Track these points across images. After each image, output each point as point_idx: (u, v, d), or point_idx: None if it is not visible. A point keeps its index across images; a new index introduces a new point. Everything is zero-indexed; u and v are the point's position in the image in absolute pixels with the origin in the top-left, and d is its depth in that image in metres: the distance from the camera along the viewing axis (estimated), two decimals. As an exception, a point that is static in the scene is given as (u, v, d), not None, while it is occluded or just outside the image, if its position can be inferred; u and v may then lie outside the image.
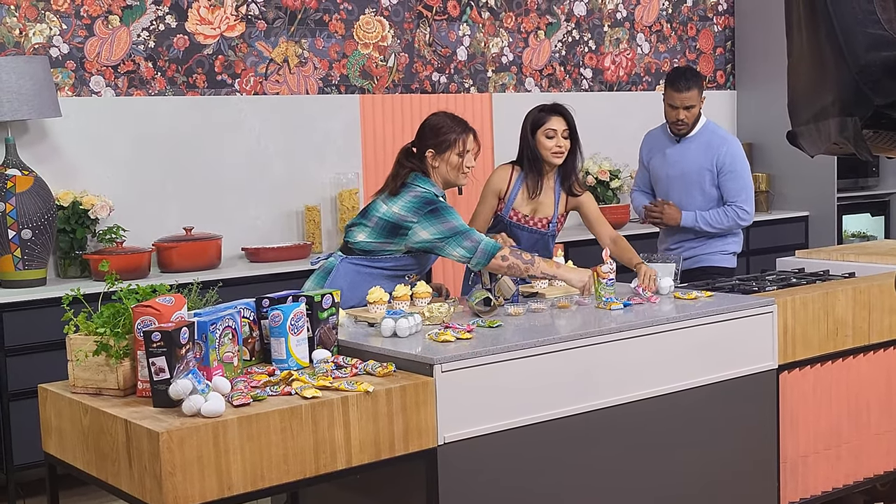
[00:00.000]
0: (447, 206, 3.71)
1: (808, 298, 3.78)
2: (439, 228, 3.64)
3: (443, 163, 3.77)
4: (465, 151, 3.77)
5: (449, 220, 3.66)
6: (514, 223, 4.17)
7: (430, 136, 3.78)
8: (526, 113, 4.23)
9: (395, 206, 3.70)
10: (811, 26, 1.82)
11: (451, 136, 3.75)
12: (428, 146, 3.77)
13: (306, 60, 5.65)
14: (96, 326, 2.77)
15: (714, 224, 4.64)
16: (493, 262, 3.60)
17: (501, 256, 3.60)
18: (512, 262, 3.61)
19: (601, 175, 6.52)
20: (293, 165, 5.62)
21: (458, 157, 3.76)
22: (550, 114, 4.13)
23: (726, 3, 7.42)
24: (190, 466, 2.45)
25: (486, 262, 3.61)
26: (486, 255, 3.61)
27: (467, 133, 3.78)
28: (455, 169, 3.78)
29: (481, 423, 2.96)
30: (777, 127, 6.80)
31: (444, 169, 3.77)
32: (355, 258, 3.75)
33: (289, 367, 2.91)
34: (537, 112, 4.16)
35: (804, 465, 3.83)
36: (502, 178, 4.20)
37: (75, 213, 4.85)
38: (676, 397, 3.40)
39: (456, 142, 3.75)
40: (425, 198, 3.70)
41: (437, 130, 3.77)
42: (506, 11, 6.38)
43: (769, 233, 6.77)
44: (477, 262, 3.62)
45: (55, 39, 4.95)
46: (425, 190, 3.73)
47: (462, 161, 3.77)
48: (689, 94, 4.61)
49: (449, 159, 3.76)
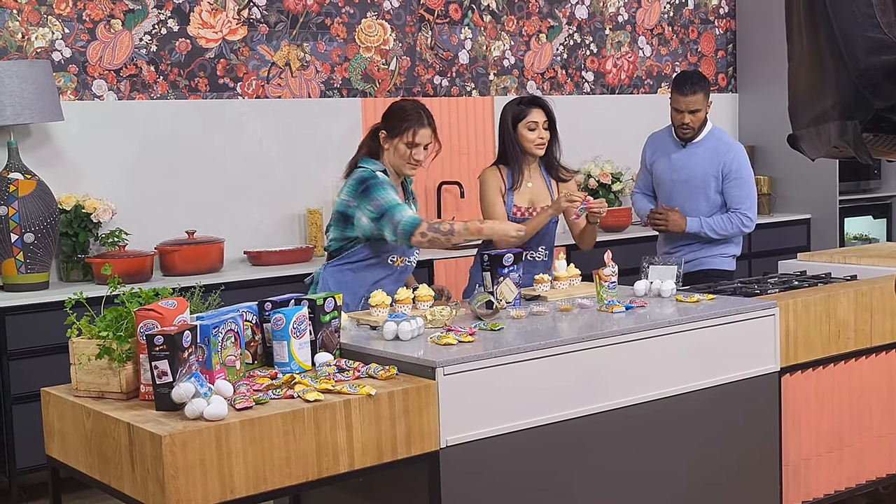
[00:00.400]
0: (378, 183, 3.70)
1: (810, 301, 3.78)
2: (371, 209, 3.67)
3: (392, 147, 3.80)
4: (415, 143, 3.78)
5: (376, 198, 3.67)
6: (519, 218, 4.19)
7: (388, 117, 3.83)
8: (504, 107, 4.27)
9: (343, 193, 3.76)
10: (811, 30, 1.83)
11: (405, 124, 3.77)
12: (384, 126, 3.82)
13: (308, 64, 5.66)
14: (99, 330, 2.77)
15: (719, 230, 4.65)
16: (413, 239, 3.63)
17: (420, 233, 3.62)
18: (431, 237, 3.63)
19: (603, 178, 6.52)
20: (295, 169, 5.63)
21: (406, 146, 3.78)
22: (530, 106, 4.19)
23: (728, 6, 7.42)
24: (192, 470, 2.45)
25: (407, 241, 3.64)
26: (406, 233, 3.62)
27: (421, 125, 3.78)
28: (401, 157, 3.79)
29: (483, 426, 2.96)
30: (779, 130, 6.77)
31: (392, 154, 3.80)
32: (333, 261, 3.81)
33: (291, 371, 2.91)
34: (516, 105, 4.20)
35: (806, 468, 3.83)
36: (496, 176, 4.21)
37: (78, 216, 4.85)
38: (678, 400, 3.40)
39: (407, 130, 3.77)
40: (361, 177, 3.73)
41: (396, 114, 3.82)
42: (507, 15, 6.39)
43: (771, 235, 6.77)
44: (402, 242, 3.65)
45: (57, 43, 4.96)
46: (363, 169, 3.76)
47: (410, 152, 3.78)
48: (694, 98, 4.61)
49: (397, 146, 3.78)
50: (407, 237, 3.62)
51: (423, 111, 3.83)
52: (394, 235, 3.64)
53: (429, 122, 3.81)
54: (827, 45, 1.77)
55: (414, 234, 3.60)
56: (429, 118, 3.82)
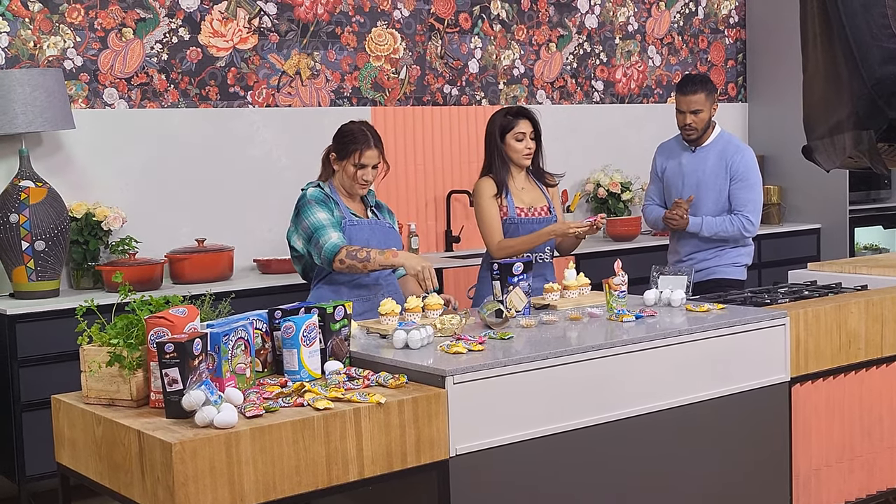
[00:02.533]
0: (305, 204, 3.83)
1: (821, 311, 3.77)
2: (301, 233, 3.81)
3: (341, 169, 3.92)
4: (361, 165, 3.88)
5: (304, 220, 3.81)
6: (524, 219, 4.22)
7: (337, 140, 3.95)
8: (490, 118, 4.30)
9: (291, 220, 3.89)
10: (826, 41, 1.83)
11: (351, 146, 3.88)
12: (333, 149, 3.95)
13: (318, 73, 5.67)
14: (109, 337, 2.77)
15: (718, 231, 4.63)
16: (334, 266, 3.73)
17: (339, 260, 3.72)
18: (349, 264, 3.72)
19: (612, 187, 6.52)
20: (305, 177, 5.60)
21: (354, 167, 3.88)
22: (518, 118, 4.22)
23: (738, 15, 7.42)
24: (202, 477, 2.45)
25: (329, 267, 3.75)
26: (327, 260, 3.74)
27: (368, 147, 3.88)
28: (350, 178, 3.91)
29: (493, 434, 2.96)
30: (789, 139, 6.80)
31: (342, 175, 3.92)
32: (313, 283, 3.94)
33: (301, 379, 2.91)
34: (503, 117, 4.25)
35: (817, 479, 3.81)
36: (491, 185, 4.23)
37: (88, 224, 4.87)
38: (688, 410, 3.39)
39: (353, 153, 3.87)
40: (298, 201, 3.87)
41: (343, 137, 3.93)
42: (517, 24, 6.39)
43: (781, 245, 6.76)
44: (326, 266, 3.76)
45: (69, 52, 4.98)
46: (302, 192, 3.89)
47: (357, 172, 3.88)
48: (696, 98, 4.61)
49: (346, 167, 3.90)
50: (328, 263, 3.74)
51: (371, 132, 3.92)
52: (319, 259, 3.77)
53: (375, 144, 3.91)
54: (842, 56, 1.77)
55: (334, 261, 3.73)
56: (375, 139, 3.92)
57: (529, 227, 4.22)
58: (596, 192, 6.55)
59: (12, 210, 4.56)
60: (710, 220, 4.65)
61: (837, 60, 1.74)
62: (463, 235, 6.06)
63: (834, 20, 1.75)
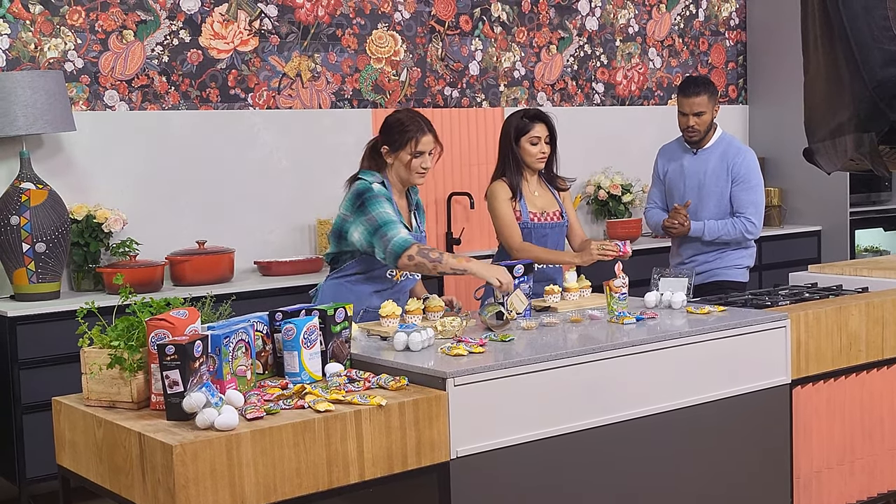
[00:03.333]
0: (374, 196, 3.66)
1: (822, 313, 3.77)
2: (365, 225, 3.65)
3: (396, 161, 3.77)
4: (419, 152, 3.75)
5: (370, 213, 3.64)
6: (537, 224, 4.20)
7: (387, 132, 3.79)
8: (506, 119, 4.29)
9: (341, 207, 3.75)
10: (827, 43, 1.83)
11: (406, 135, 3.74)
12: (384, 143, 3.79)
13: (319, 75, 5.67)
14: (110, 339, 2.77)
15: (721, 234, 4.63)
16: (401, 261, 3.58)
17: (408, 256, 3.57)
18: (419, 262, 3.57)
19: (613, 189, 6.52)
20: (306, 179, 5.64)
21: (411, 156, 3.75)
22: (534, 121, 4.19)
23: (738, 17, 7.42)
24: (203, 479, 2.45)
25: (394, 262, 3.60)
26: (394, 254, 3.58)
27: (422, 133, 3.75)
28: (408, 168, 3.76)
29: (494, 437, 2.96)
30: (789, 141, 6.80)
31: (397, 167, 3.77)
32: (332, 274, 3.82)
33: (302, 381, 2.91)
34: (520, 119, 4.22)
35: (818, 481, 3.81)
36: (505, 188, 4.22)
37: (89, 226, 4.87)
38: (689, 412, 3.39)
39: (409, 141, 3.74)
40: (358, 190, 3.70)
41: (393, 128, 3.78)
42: (518, 26, 6.40)
43: (782, 247, 6.76)
44: (389, 262, 3.62)
45: (70, 54, 4.98)
46: (361, 181, 3.73)
47: (416, 161, 3.75)
48: (699, 100, 4.62)
49: (401, 158, 3.75)
50: (395, 258, 3.59)
51: (420, 118, 3.81)
52: (383, 253, 3.61)
53: (429, 128, 3.79)
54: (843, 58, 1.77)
55: (402, 256, 3.57)
56: (427, 124, 3.80)
57: (542, 232, 4.21)
58: (596, 194, 6.55)
59: (13, 212, 4.56)
60: (711, 224, 4.65)
61: (838, 63, 1.74)
62: (463, 237, 6.06)
63: (835, 22, 1.75)
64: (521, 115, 4.24)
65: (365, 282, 3.75)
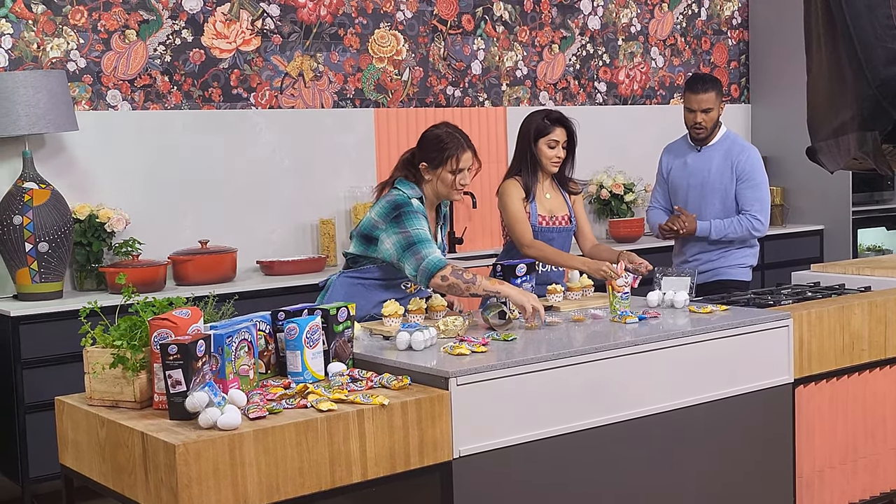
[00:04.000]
0: (412, 211, 3.60)
1: (824, 312, 3.77)
2: (398, 238, 3.56)
3: (435, 177, 3.70)
4: (459, 169, 3.69)
5: (406, 228, 3.56)
6: (545, 227, 4.18)
7: (425, 148, 3.73)
8: (527, 117, 4.25)
9: (373, 212, 3.67)
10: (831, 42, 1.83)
11: (446, 152, 3.67)
12: (422, 159, 3.72)
13: (321, 74, 5.67)
14: (113, 339, 2.77)
15: (728, 232, 4.62)
16: (433, 281, 3.50)
17: (441, 276, 3.49)
18: (452, 282, 3.49)
19: (615, 189, 6.51)
20: (308, 179, 5.64)
21: (451, 174, 3.68)
22: (556, 124, 4.17)
23: (740, 16, 7.42)
24: (206, 479, 2.45)
25: (426, 281, 3.51)
26: (427, 273, 3.50)
27: (463, 150, 3.68)
28: (447, 186, 3.70)
29: (496, 436, 2.96)
30: (792, 140, 6.79)
31: (436, 183, 3.71)
32: (349, 271, 3.76)
33: (304, 380, 2.91)
34: (542, 120, 4.18)
35: (820, 480, 3.81)
36: (518, 188, 4.19)
37: (91, 226, 4.87)
38: (692, 411, 3.39)
39: (449, 159, 3.67)
40: (395, 201, 3.63)
41: (433, 144, 3.70)
42: (520, 25, 6.39)
43: (784, 246, 6.75)
44: (420, 280, 3.53)
45: (72, 54, 4.98)
46: (399, 193, 3.66)
47: (455, 178, 3.69)
48: (707, 97, 4.61)
49: (442, 175, 3.69)
50: (428, 276, 3.50)
51: (460, 134, 3.74)
52: (414, 271, 3.53)
53: (468, 144, 3.72)
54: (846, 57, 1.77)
55: (435, 276, 3.49)
56: (466, 140, 3.73)
57: (548, 236, 4.18)
58: (599, 193, 6.55)
59: (16, 212, 4.57)
60: (717, 222, 4.63)
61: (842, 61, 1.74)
62: (466, 237, 6.06)
63: (838, 21, 1.74)
64: (544, 115, 4.20)
65: (378, 288, 3.72)
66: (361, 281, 3.72)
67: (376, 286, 3.71)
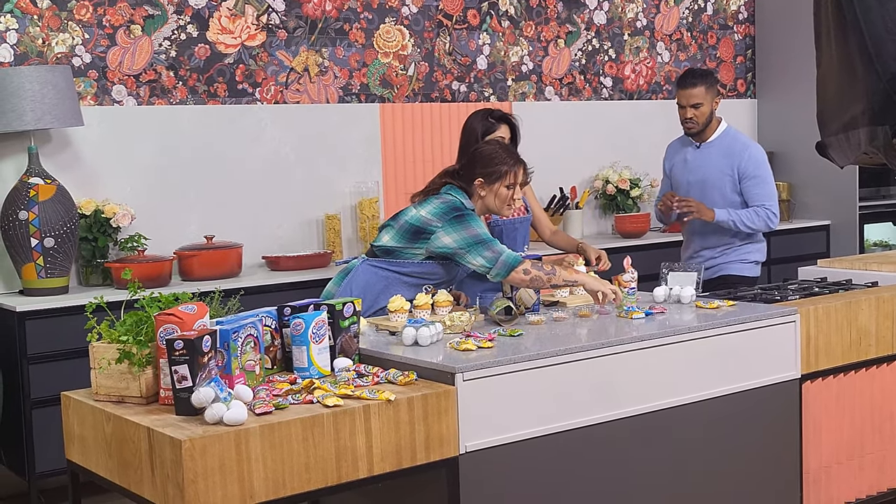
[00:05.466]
0: (473, 215, 3.70)
1: (831, 308, 3.76)
2: (462, 235, 3.63)
3: (490, 193, 3.75)
4: (514, 184, 3.76)
5: (473, 228, 3.65)
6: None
7: (481, 164, 3.77)
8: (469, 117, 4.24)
9: (423, 210, 3.70)
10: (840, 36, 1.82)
11: (504, 167, 3.73)
12: (478, 174, 3.76)
13: (326, 69, 5.67)
14: (119, 334, 2.78)
15: (747, 223, 4.60)
16: (514, 274, 3.56)
17: (523, 270, 3.55)
18: (535, 275, 3.56)
19: (621, 184, 6.50)
20: (313, 174, 5.63)
21: (507, 189, 3.75)
22: (500, 122, 4.18)
23: (747, 11, 7.40)
24: (212, 474, 2.45)
25: (505, 274, 3.58)
26: (507, 266, 3.57)
27: (519, 166, 3.77)
28: (502, 201, 3.76)
29: (503, 432, 2.96)
30: (798, 135, 6.78)
31: (490, 199, 3.76)
32: (376, 260, 3.76)
33: (310, 376, 2.91)
34: (486, 120, 4.18)
35: (827, 476, 3.80)
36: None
37: (97, 221, 4.87)
38: (698, 407, 3.38)
39: (507, 174, 3.73)
40: (453, 204, 3.70)
41: (490, 160, 3.76)
42: (526, 20, 6.38)
43: (790, 242, 6.74)
44: (497, 273, 3.58)
45: (78, 49, 4.98)
46: (454, 198, 3.73)
47: (510, 193, 3.75)
48: (695, 91, 4.60)
49: (498, 191, 3.74)
50: (508, 270, 3.55)
51: (512, 151, 3.84)
52: (490, 264, 3.57)
53: (521, 160, 3.80)
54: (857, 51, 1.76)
55: (517, 269, 3.54)
56: (519, 156, 3.82)
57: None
58: (605, 188, 6.54)
59: (21, 207, 4.57)
60: (737, 212, 4.60)
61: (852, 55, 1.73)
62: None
63: (848, 15, 1.73)
64: (487, 114, 4.21)
65: (403, 285, 3.72)
66: (387, 273, 3.72)
67: (400, 282, 3.71)
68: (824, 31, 1.88)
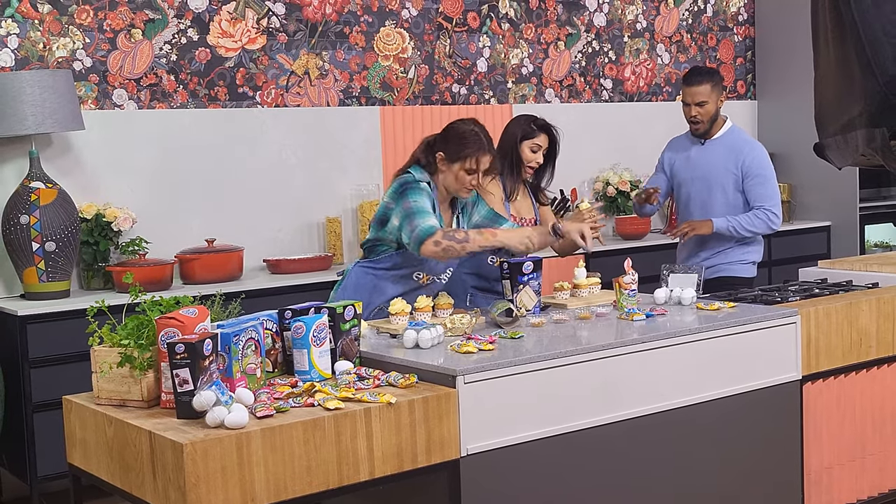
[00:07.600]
0: (416, 188, 3.61)
1: (832, 309, 3.76)
2: (400, 210, 3.58)
3: (449, 172, 3.70)
4: (474, 170, 3.69)
5: (409, 200, 3.57)
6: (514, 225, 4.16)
7: (449, 141, 3.73)
8: (514, 119, 4.25)
9: (386, 195, 3.70)
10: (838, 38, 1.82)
11: (468, 150, 3.67)
12: (441, 149, 3.72)
13: (327, 72, 5.67)
14: (120, 338, 2.78)
15: (748, 227, 4.60)
16: (425, 247, 3.50)
17: (433, 241, 3.49)
18: (446, 245, 3.51)
19: (621, 186, 6.50)
20: (314, 177, 5.64)
21: (466, 173, 3.68)
22: (541, 130, 4.17)
23: (747, 12, 7.40)
24: (214, 478, 2.46)
25: (417, 246, 3.52)
26: (418, 240, 3.50)
27: (483, 153, 3.68)
28: (459, 183, 3.70)
29: (504, 434, 2.96)
30: (799, 137, 6.77)
31: (448, 177, 3.71)
32: (364, 261, 3.79)
33: (311, 379, 2.91)
34: (528, 125, 4.18)
35: (828, 477, 3.80)
36: (497, 186, 4.17)
37: (98, 225, 4.88)
38: (699, 409, 3.39)
39: (468, 157, 3.67)
40: (404, 180, 3.65)
41: (456, 139, 3.71)
42: (525, 23, 6.39)
43: (791, 243, 6.74)
44: (412, 246, 3.53)
45: (78, 53, 4.98)
46: (409, 174, 3.68)
47: (469, 179, 3.69)
48: (700, 89, 4.60)
49: (458, 172, 3.69)
50: (419, 243, 3.51)
51: (484, 135, 3.72)
52: (408, 239, 3.55)
53: (489, 149, 3.71)
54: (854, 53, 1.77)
55: (426, 242, 3.50)
56: (489, 144, 3.72)
57: None
58: (605, 190, 6.54)
59: (23, 211, 4.57)
60: (736, 218, 4.59)
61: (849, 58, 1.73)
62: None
63: (846, 17, 1.74)
64: (531, 120, 4.21)
65: (390, 279, 3.72)
66: (374, 270, 3.73)
67: (388, 277, 3.71)
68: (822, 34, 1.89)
